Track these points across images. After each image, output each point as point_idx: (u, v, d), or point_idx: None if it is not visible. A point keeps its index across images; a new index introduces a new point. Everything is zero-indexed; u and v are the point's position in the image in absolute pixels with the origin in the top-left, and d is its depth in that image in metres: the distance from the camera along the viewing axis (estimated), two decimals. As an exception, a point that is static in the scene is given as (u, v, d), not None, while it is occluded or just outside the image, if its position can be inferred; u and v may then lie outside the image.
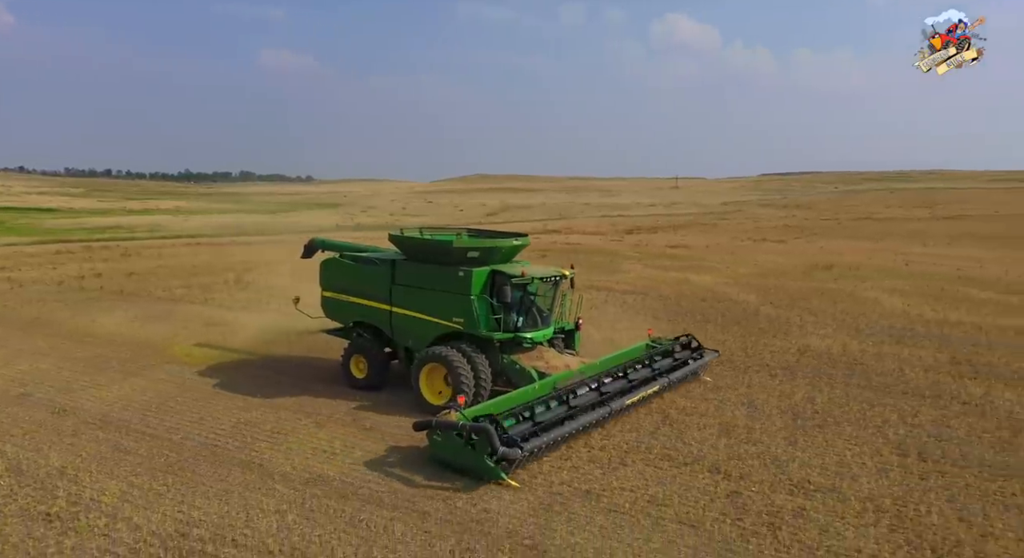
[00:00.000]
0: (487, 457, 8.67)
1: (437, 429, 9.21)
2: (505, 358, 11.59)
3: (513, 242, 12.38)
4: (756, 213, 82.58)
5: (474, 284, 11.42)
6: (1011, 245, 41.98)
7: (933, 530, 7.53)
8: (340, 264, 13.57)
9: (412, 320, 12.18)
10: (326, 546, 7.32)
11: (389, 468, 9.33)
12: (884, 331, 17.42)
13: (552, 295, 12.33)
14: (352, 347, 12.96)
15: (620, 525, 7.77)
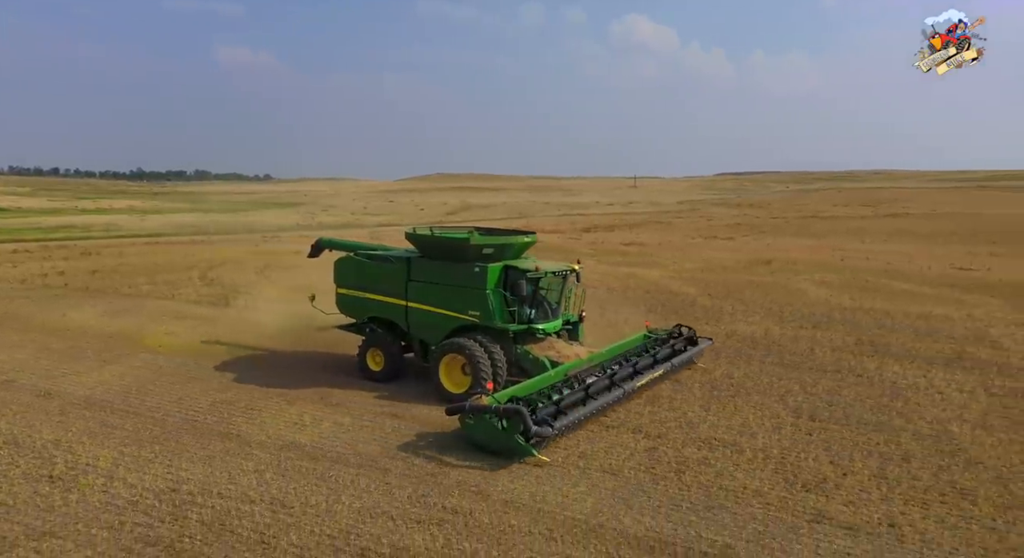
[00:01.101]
0: (518, 436, 9.39)
1: (470, 413, 9.80)
2: (519, 348, 12.25)
3: (524, 239, 13.15)
4: (710, 212, 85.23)
5: (489, 279, 12.06)
6: (941, 241, 44.89)
7: (807, 471, 9.13)
8: (355, 262, 14.04)
9: (428, 314, 12.77)
10: (300, 496, 8.55)
11: (354, 435, 10.57)
12: (804, 318, 19.26)
13: (560, 289, 13.04)
14: (368, 341, 13.54)
15: (552, 475, 9.18)
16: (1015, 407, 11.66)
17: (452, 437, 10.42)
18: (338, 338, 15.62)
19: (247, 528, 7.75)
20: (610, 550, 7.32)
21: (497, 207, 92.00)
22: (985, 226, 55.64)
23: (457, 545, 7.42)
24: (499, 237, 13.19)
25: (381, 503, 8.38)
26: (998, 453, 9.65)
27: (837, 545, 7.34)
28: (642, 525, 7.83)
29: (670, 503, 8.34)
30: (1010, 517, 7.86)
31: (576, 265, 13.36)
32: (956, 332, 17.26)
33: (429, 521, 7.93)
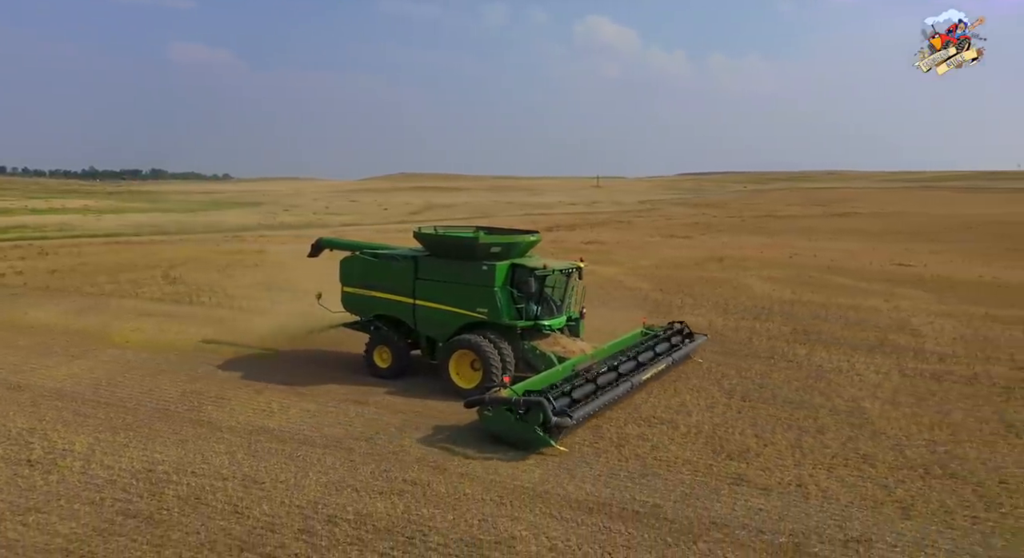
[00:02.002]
0: (537, 427, 9.72)
1: (489, 405, 10.13)
2: (526, 344, 12.57)
3: (529, 238, 13.51)
4: (670, 211, 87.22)
5: (497, 277, 12.38)
6: (885, 239, 47.09)
7: (733, 443, 10.17)
8: (361, 261, 14.21)
9: (436, 312, 13.01)
10: (270, 473, 9.23)
11: (320, 420, 11.26)
12: (747, 310, 20.49)
13: (564, 286, 13.34)
14: (375, 339, 13.75)
15: (506, 451, 10.02)
16: (922, 386, 12.94)
17: (412, 420, 11.21)
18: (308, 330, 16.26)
19: (221, 501, 8.41)
20: (553, 512, 8.20)
21: (460, 207, 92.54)
22: (927, 225, 58.41)
23: (416, 511, 8.20)
24: (506, 236, 13.52)
25: (346, 478, 9.12)
26: (900, 425, 10.83)
27: (752, 503, 8.34)
28: (583, 491, 8.73)
29: (609, 472, 9.26)
30: (900, 476, 8.98)
31: (580, 263, 13.75)
32: (882, 321, 18.66)
33: (390, 492, 8.70)
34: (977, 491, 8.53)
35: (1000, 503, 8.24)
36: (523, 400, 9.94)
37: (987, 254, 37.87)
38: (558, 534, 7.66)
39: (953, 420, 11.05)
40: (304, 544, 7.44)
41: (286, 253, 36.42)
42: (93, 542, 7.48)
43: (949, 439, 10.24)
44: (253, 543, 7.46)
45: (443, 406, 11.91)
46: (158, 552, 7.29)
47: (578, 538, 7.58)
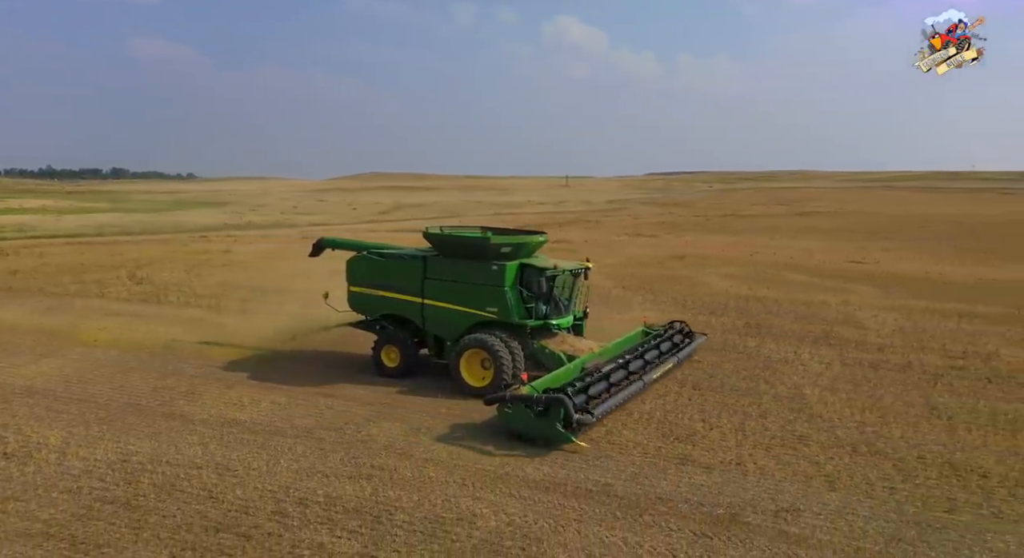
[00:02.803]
0: (558, 424, 9.88)
1: (509, 403, 10.28)
2: (535, 343, 12.73)
3: (538, 238, 13.68)
4: (637, 211, 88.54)
5: (507, 276, 12.53)
6: (842, 238, 48.71)
7: (681, 427, 10.88)
8: (369, 261, 14.22)
9: (445, 311, 13.12)
10: (243, 461, 9.66)
11: (291, 412, 11.69)
12: (704, 305, 21.35)
13: (572, 285, 13.53)
14: (383, 338, 13.79)
15: (469, 438, 10.57)
16: (859, 373, 13.84)
17: (380, 411, 11.70)
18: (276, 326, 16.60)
19: (196, 487, 8.82)
20: (512, 491, 8.78)
21: (430, 206, 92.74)
22: (883, 224, 60.46)
23: (383, 493, 8.71)
24: (515, 237, 13.72)
25: (316, 465, 9.59)
26: (836, 409, 11.67)
27: (695, 480, 9.03)
28: (541, 472, 9.33)
29: (565, 455, 9.86)
30: (830, 454, 9.77)
31: (588, 264, 13.96)
32: (830, 315, 19.66)
33: (359, 476, 9.19)
34: (897, 466, 9.35)
35: (916, 475, 9.06)
36: (546, 397, 10.06)
37: (936, 252, 39.54)
38: (516, 510, 8.24)
39: (883, 404, 11.92)
40: (277, 524, 7.90)
41: (254, 253, 36.50)
42: (72, 526, 7.84)
43: (878, 421, 11.09)
44: (228, 524, 7.90)
45: (409, 398, 12.45)
46: (136, 534, 7.68)
47: (534, 514, 8.17)
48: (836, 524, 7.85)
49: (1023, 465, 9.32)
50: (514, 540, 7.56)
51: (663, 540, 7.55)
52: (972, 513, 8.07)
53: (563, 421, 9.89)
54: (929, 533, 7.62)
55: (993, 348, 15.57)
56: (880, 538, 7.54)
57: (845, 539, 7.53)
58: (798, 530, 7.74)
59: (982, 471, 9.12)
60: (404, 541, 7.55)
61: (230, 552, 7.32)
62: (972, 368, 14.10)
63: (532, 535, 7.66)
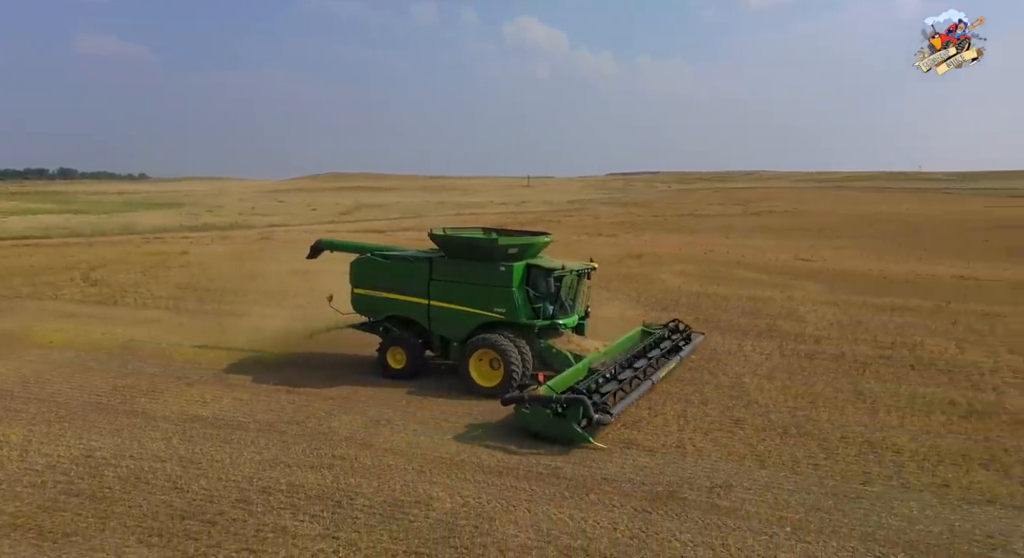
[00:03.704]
0: (576, 424, 10.04)
1: (527, 403, 10.39)
2: (542, 343, 12.85)
3: (544, 239, 13.76)
4: (598, 210, 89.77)
5: (515, 277, 12.63)
6: (793, 236, 50.44)
7: (628, 415, 11.43)
8: (373, 263, 14.21)
9: (452, 312, 13.18)
10: (206, 454, 9.96)
11: (253, 407, 11.99)
12: (657, 302, 22.19)
13: (576, 286, 13.62)
14: (388, 340, 13.78)
15: (427, 428, 11.05)
16: (796, 363, 14.75)
17: (341, 405, 12.09)
18: (236, 326, 16.79)
19: (160, 479, 9.11)
20: (467, 476, 9.29)
21: (391, 207, 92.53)
22: (833, 222, 62.70)
23: (344, 480, 9.14)
24: (522, 237, 13.81)
25: (279, 456, 9.95)
26: (772, 396, 12.48)
27: (638, 462, 9.68)
28: (495, 458, 9.87)
29: (518, 442, 10.39)
30: (763, 436, 10.54)
31: (593, 264, 14.15)
32: (774, 310, 20.66)
33: (320, 466, 9.59)
34: (822, 445, 10.16)
35: (837, 453, 9.87)
36: (565, 398, 10.20)
37: (880, 249, 41.38)
38: (470, 493, 8.76)
39: (815, 390, 12.79)
40: (241, 511, 8.26)
41: (212, 254, 36.21)
42: (39, 518, 8.08)
43: (808, 405, 11.93)
44: (194, 512, 8.23)
45: (370, 392, 12.85)
46: (103, 523, 7.97)
47: (487, 496, 8.70)
48: (763, 497, 8.57)
49: (933, 442, 10.23)
50: (468, 519, 8.08)
51: (606, 515, 8.15)
52: (884, 484, 8.89)
53: (581, 421, 10.05)
54: (845, 502, 8.40)
55: (919, 339, 16.69)
56: (801, 508, 8.28)
57: (770, 510, 8.25)
58: (729, 503, 8.43)
59: (896, 448, 9.98)
60: (364, 523, 7.99)
61: (196, 537, 7.67)
62: (898, 357, 15.14)
63: (485, 514, 8.19)
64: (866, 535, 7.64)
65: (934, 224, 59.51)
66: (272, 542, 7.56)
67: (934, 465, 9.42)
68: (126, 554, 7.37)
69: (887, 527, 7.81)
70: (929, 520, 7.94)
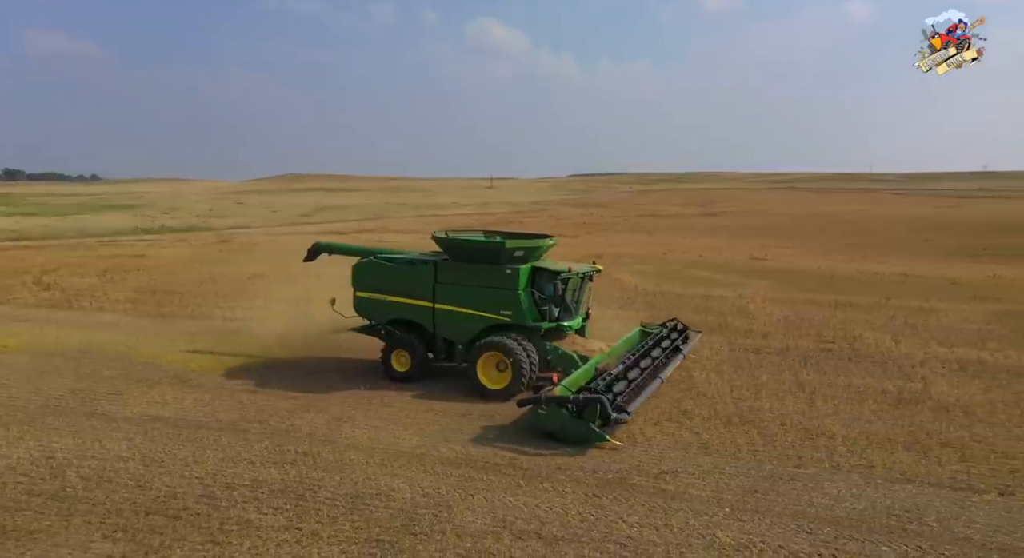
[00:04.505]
0: (592, 424, 10.14)
1: (544, 403, 10.51)
2: (548, 345, 12.96)
3: (548, 242, 13.80)
4: (559, 212, 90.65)
5: (521, 280, 12.74)
6: (748, 236, 51.93)
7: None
8: (376, 266, 14.15)
9: (458, 315, 13.24)
10: (169, 453, 10.11)
11: (215, 407, 12.14)
12: (613, 300, 22.78)
13: (579, 288, 13.71)
14: (392, 343, 13.76)
15: (388, 424, 11.36)
16: (743, 357, 15.49)
17: (303, 404, 12.32)
18: (196, 329, 16.76)
19: (123, 478, 9.25)
20: (427, 468, 9.65)
21: (353, 208, 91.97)
22: (786, 223, 64.69)
23: (307, 475, 9.40)
24: (528, 241, 13.76)
25: (242, 453, 10.15)
26: (719, 388, 13.13)
27: (591, 451, 10.15)
28: (454, 451, 10.25)
29: (477, 436, 10.83)
30: (708, 425, 11.15)
31: (598, 267, 14.27)
32: (725, 307, 21.48)
33: (283, 462, 9.83)
34: (762, 432, 10.81)
35: (776, 439, 10.53)
36: (584, 398, 10.32)
37: (829, 248, 42.98)
38: (430, 484, 9.12)
39: (759, 382, 13.50)
40: (206, 505, 8.47)
41: (170, 257, 35.72)
42: (0, 517, 8.16)
43: (752, 396, 12.61)
44: (157, 508, 8.41)
45: (331, 392, 13.09)
46: (67, 520, 8.10)
47: (447, 486, 9.07)
48: (706, 481, 9.14)
49: (863, 427, 10.97)
50: (428, 508, 8.44)
51: (558, 501, 8.61)
52: (816, 467, 9.55)
53: (598, 420, 10.21)
54: (780, 484, 9.02)
55: (859, 332, 17.63)
56: (740, 490, 8.87)
57: (712, 492, 8.82)
58: (674, 488, 8.97)
59: (829, 433, 10.68)
60: (327, 514, 8.29)
61: (161, 531, 7.87)
62: (838, 350, 16.02)
63: (444, 503, 8.57)
64: (797, 513, 8.25)
65: (882, 224, 61.89)
66: (237, 534, 7.81)
67: (862, 448, 10.13)
68: (91, 549, 7.54)
69: (817, 505, 8.43)
70: (854, 498, 8.60)
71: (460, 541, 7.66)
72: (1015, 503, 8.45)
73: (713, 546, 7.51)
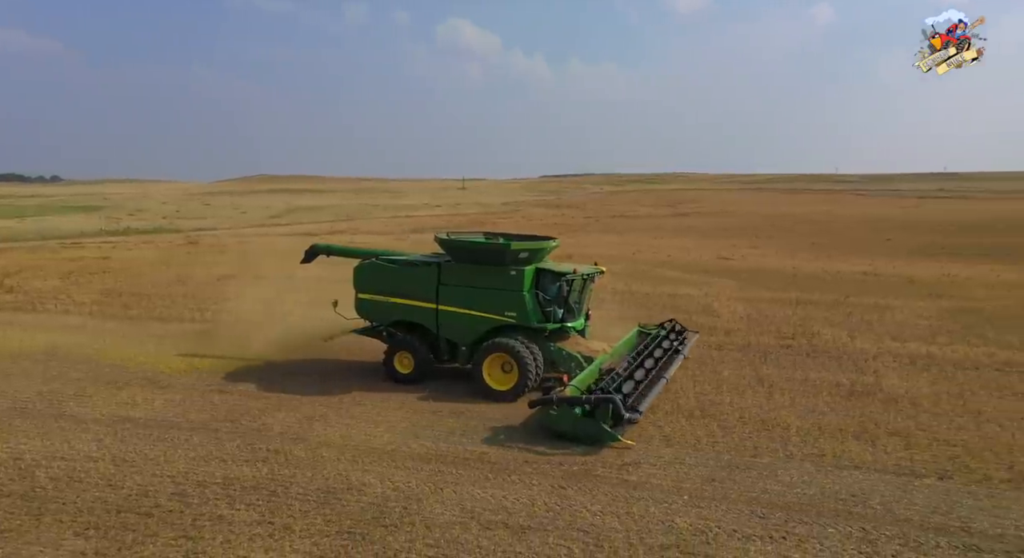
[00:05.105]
0: (604, 424, 10.24)
1: (557, 404, 10.56)
2: (552, 346, 13.05)
3: (551, 244, 13.91)
4: (531, 212, 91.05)
5: (525, 281, 12.79)
6: (718, 236, 52.82)
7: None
8: (379, 267, 14.12)
9: (462, 316, 13.25)
10: (140, 453, 10.18)
11: (185, 407, 12.20)
12: (583, 300, 23.21)
13: (582, 289, 13.80)
14: (395, 345, 13.74)
15: (359, 422, 11.55)
16: (706, 354, 15.98)
17: (273, 403, 12.44)
18: (165, 331, 16.71)
19: (94, 477, 9.32)
20: (398, 464, 9.88)
21: (324, 209, 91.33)
22: (754, 223, 65.84)
23: (279, 472, 9.57)
24: (532, 242, 13.78)
25: (213, 452, 10.27)
26: (681, 383, 13.54)
27: (557, 445, 10.45)
28: (425, 447, 10.49)
29: (447, 433, 11.07)
30: (671, 419, 11.54)
31: (601, 268, 14.37)
32: (691, 306, 22.03)
33: (255, 460, 9.98)
34: (721, 424, 11.25)
35: (734, 431, 10.98)
36: (596, 398, 10.39)
37: (794, 248, 43.99)
38: (401, 479, 9.35)
39: (721, 377, 13.98)
40: (178, 503, 8.60)
41: (137, 259, 35.24)
42: (-30, 518, 8.20)
43: (713, 391, 13.07)
44: (129, 507, 8.51)
45: (303, 391, 13.21)
46: (38, 519, 8.16)
47: (417, 480, 9.31)
48: (667, 472, 9.52)
49: (816, 419, 11.48)
50: (398, 501, 8.68)
51: (525, 492, 8.91)
52: (771, 456, 10.00)
53: (610, 419, 10.30)
54: (736, 473, 9.44)
55: (817, 329, 18.27)
56: (699, 479, 9.26)
57: (672, 482, 9.20)
58: (636, 478, 9.34)
59: (785, 425, 11.16)
60: (299, 509, 8.48)
61: (133, 528, 7.98)
62: (797, 346, 16.61)
63: (414, 496, 8.81)
64: (752, 499, 8.67)
65: (845, 224, 63.41)
66: (209, 529, 7.96)
67: (815, 438, 10.62)
68: (63, 546, 7.63)
69: (770, 492, 8.87)
70: (805, 484, 9.05)
71: (429, 532, 7.92)
72: (952, 486, 8.99)
73: (671, 531, 7.88)
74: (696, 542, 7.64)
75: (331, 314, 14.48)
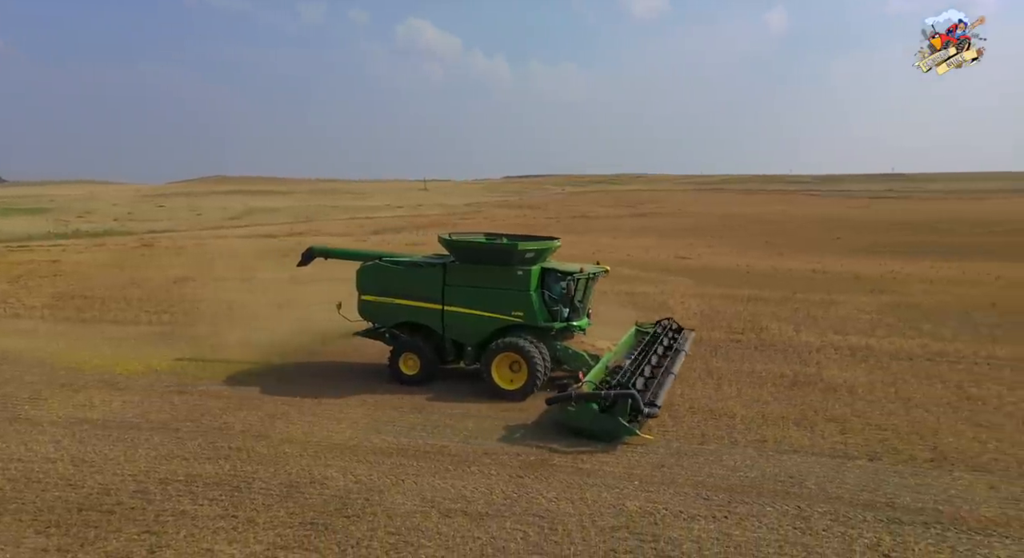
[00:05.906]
0: (621, 419, 10.27)
1: (575, 400, 10.64)
2: (558, 345, 13.14)
3: (555, 244, 14.02)
4: (493, 213, 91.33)
5: (532, 281, 12.85)
6: (676, 236, 53.92)
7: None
8: (383, 269, 14.06)
9: (468, 316, 13.24)
10: (99, 453, 10.21)
11: (145, 408, 12.21)
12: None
13: (586, 288, 13.84)
14: (399, 347, 13.66)
15: (321, 418, 11.73)
16: (660, 348, 16.54)
17: (235, 403, 12.53)
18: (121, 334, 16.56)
19: (53, 478, 9.34)
20: (360, 458, 10.12)
21: (283, 211, 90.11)
22: (711, 223, 67.37)
23: (241, 469, 9.72)
24: (538, 242, 13.80)
25: (175, 451, 10.36)
26: (636, 376, 14.07)
27: (516, 437, 10.85)
28: (386, 442, 10.75)
29: (409, 427, 11.35)
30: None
31: (605, 268, 14.47)
32: (648, 303, 22.67)
33: (217, 457, 10.11)
34: (672, 415, 11.76)
35: (684, 420, 11.51)
36: (615, 394, 10.49)
37: (748, 247, 45.26)
38: (363, 472, 9.60)
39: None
40: (140, 500, 8.70)
41: (88, 262, 34.44)
42: (-74, 521, 8.17)
43: (665, 383, 13.60)
44: (90, 505, 8.58)
45: (264, 390, 13.32)
46: (-3, 520, 8.19)
47: (378, 473, 9.58)
48: (619, 460, 9.98)
49: (760, 408, 12.10)
50: (360, 493, 8.93)
51: (484, 482, 9.26)
52: (717, 443, 10.55)
53: (627, 415, 10.40)
54: (684, 459, 9.95)
55: (766, 324, 19.06)
56: (649, 466, 9.74)
57: (624, 469, 9.65)
58: (590, 466, 9.77)
59: (731, 414, 11.76)
60: (262, 503, 8.67)
61: (95, 525, 8.07)
62: (746, 340, 17.33)
63: (375, 488, 9.08)
64: (698, 483, 9.18)
65: (798, 224, 65.38)
66: (173, 524, 8.10)
67: (759, 426, 11.23)
68: (24, 544, 7.69)
69: (715, 476, 9.39)
70: (748, 468, 9.61)
71: (391, 521, 8.20)
72: (881, 466, 9.65)
73: (622, 514, 8.32)
74: (644, 523, 8.09)
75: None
